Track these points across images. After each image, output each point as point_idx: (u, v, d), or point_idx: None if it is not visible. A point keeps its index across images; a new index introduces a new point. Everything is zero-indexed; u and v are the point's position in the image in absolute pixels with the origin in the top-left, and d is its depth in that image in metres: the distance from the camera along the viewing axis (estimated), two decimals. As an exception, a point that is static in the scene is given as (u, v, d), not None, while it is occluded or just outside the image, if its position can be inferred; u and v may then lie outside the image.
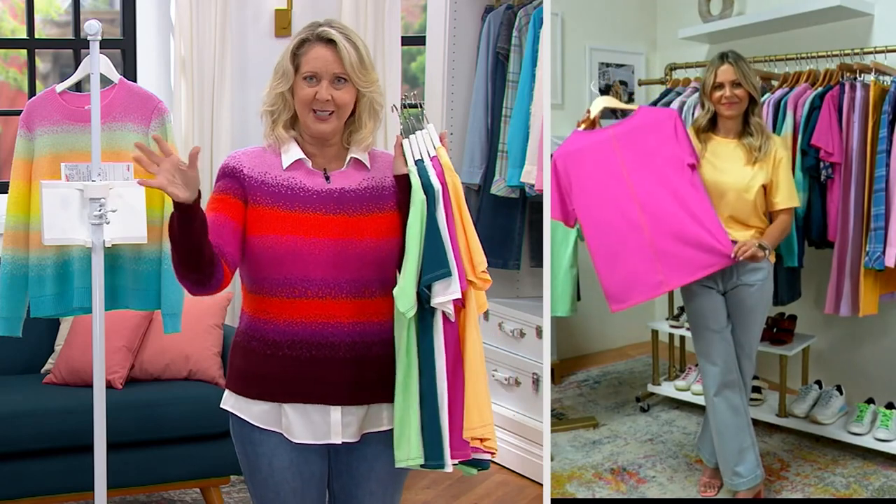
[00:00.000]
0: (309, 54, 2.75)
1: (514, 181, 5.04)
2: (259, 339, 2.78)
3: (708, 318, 3.97)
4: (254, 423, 2.80)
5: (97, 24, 3.62)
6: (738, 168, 3.94)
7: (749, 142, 3.95)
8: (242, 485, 4.85)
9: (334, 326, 2.75)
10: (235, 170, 2.79)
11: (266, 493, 2.84)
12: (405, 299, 2.67)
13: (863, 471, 4.34)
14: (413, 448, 2.71)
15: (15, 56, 5.77)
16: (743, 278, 3.93)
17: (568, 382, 5.20)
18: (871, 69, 4.14)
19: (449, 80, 5.48)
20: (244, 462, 2.86)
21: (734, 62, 3.93)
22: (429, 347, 2.71)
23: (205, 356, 4.60)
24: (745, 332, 4.00)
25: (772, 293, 4.06)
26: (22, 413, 4.27)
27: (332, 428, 2.79)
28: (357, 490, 2.86)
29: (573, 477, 4.37)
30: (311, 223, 2.74)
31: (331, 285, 2.74)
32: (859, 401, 4.51)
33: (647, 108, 4.16)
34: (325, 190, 2.78)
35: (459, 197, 2.76)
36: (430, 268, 2.67)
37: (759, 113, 3.97)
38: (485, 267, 2.76)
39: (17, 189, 3.82)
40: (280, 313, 2.76)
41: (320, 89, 2.75)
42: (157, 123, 3.83)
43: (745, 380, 4.04)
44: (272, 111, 2.80)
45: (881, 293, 4.14)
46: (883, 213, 4.00)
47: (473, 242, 2.75)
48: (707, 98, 3.98)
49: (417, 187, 2.70)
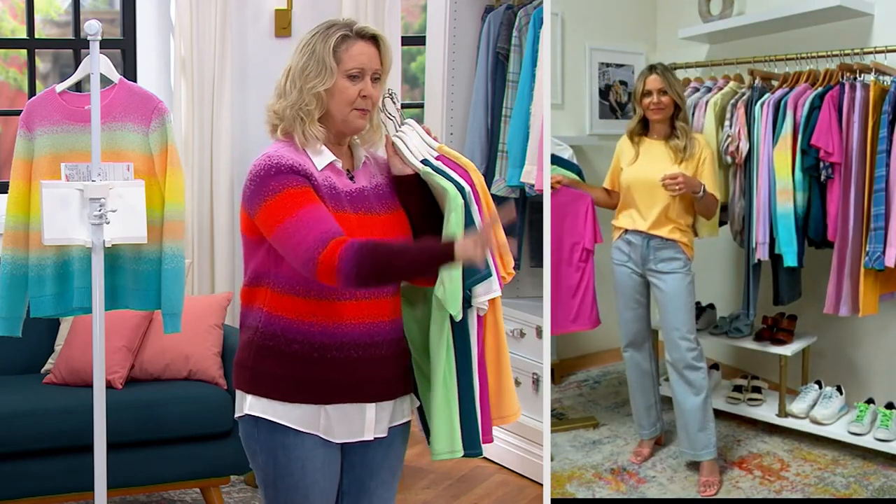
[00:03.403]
0: (352, 50, 2.70)
1: (514, 181, 5.04)
2: (301, 342, 2.71)
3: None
4: (290, 427, 2.74)
5: (97, 24, 3.62)
6: (666, 167, 4.29)
7: (675, 143, 4.33)
8: (242, 485, 4.85)
9: (378, 325, 2.76)
10: (297, 168, 2.67)
11: (294, 497, 2.78)
12: (454, 303, 2.69)
13: (863, 471, 4.34)
14: (455, 441, 2.76)
15: (15, 56, 5.77)
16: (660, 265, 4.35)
17: (568, 382, 5.20)
18: (871, 69, 4.14)
19: (449, 80, 5.48)
20: (271, 468, 2.78)
21: (661, 73, 4.33)
22: (466, 346, 2.76)
23: (205, 356, 4.60)
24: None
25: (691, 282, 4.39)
26: (22, 413, 4.27)
27: (367, 425, 2.79)
28: (371, 481, 2.87)
29: (573, 477, 4.37)
30: (350, 223, 2.70)
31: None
32: (859, 401, 4.51)
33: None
34: (354, 190, 2.76)
35: (487, 195, 2.79)
36: (474, 271, 2.71)
37: (684, 118, 4.35)
38: (514, 264, 2.84)
39: (17, 189, 3.82)
40: (329, 315, 2.71)
41: (365, 86, 2.70)
42: (157, 123, 3.83)
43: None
44: (308, 112, 2.70)
45: (881, 293, 4.14)
46: (883, 213, 4.00)
47: (502, 240, 2.79)
48: (638, 104, 4.39)
49: (456, 194, 2.69)
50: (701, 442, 4.33)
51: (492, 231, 2.57)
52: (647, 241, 4.35)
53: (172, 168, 3.83)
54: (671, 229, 4.33)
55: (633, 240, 4.38)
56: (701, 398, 4.33)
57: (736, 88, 4.56)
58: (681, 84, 4.46)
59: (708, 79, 4.74)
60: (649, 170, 4.32)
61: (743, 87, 4.53)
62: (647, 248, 4.36)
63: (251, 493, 4.76)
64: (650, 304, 4.50)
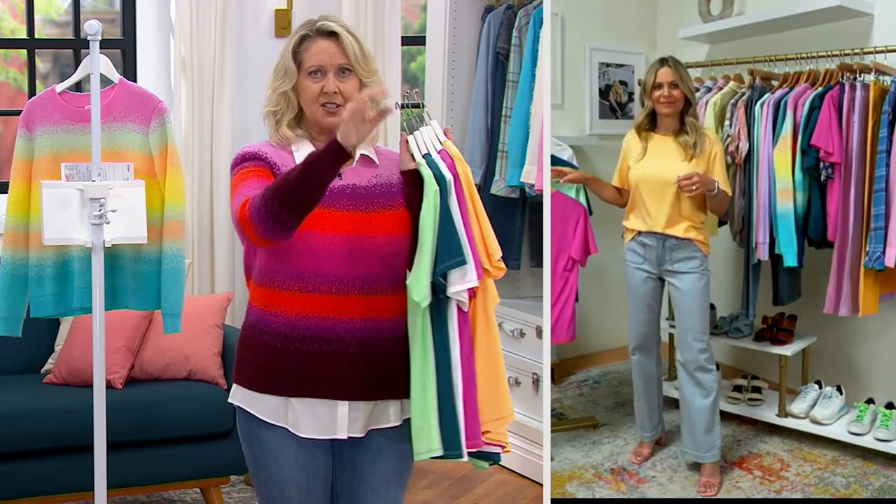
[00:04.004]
0: (311, 49, 2.76)
1: (514, 181, 5.04)
2: (269, 333, 2.78)
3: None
4: (260, 418, 2.80)
5: (97, 24, 3.62)
6: (676, 163, 4.21)
7: (684, 139, 4.24)
8: (242, 485, 4.85)
9: (345, 322, 2.76)
10: (259, 155, 2.79)
11: (272, 491, 2.84)
12: (420, 289, 2.68)
13: (863, 471, 4.34)
14: (433, 439, 2.72)
15: (15, 56, 5.76)
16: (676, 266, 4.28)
17: (568, 382, 5.20)
18: (871, 69, 4.14)
19: (449, 80, 5.48)
20: (250, 458, 2.86)
21: (673, 66, 4.25)
22: (444, 339, 2.72)
23: (205, 356, 4.60)
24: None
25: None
26: (22, 413, 4.27)
27: (339, 423, 2.79)
28: (360, 487, 2.86)
29: (573, 477, 4.37)
30: (325, 219, 2.74)
31: (343, 281, 2.75)
32: (859, 401, 4.50)
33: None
34: (339, 186, 2.78)
35: (471, 186, 2.77)
36: (446, 256, 2.68)
37: (694, 113, 4.28)
38: (500, 255, 2.78)
39: (17, 189, 3.82)
40: (292, 307, 2.76)
41: (327, 82, 2.76)
42: (157, 123, 3.83)
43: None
44: (275, 111, 2.81)
45: (881, 293, 4.14)
46: (883, 213, 4.00)
47: (487, 231, 2.77)
48: (647, 97, 4.30)
49: (430, 179, 2.70)
50: (706, 444, 4.29)
51: (364, 101, 2.56)
52: (663, 241, 4.26)
53: (172, 168, 3.83)
54: (686, 228, 4.24)
55: (647, 241, 4.30)
56: (710, 400, 4.28)
57: (736, 88, 4.56)
58: (691, 79, 4.36)
59: (708, 79, 4.74)
60: (659, 167, 4.25)
61: (743, 87, 4.53)
62: (662, 249, 4.27)
63: (251, 493, 4.76)
64: (661, 309, 4.44)
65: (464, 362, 2.74)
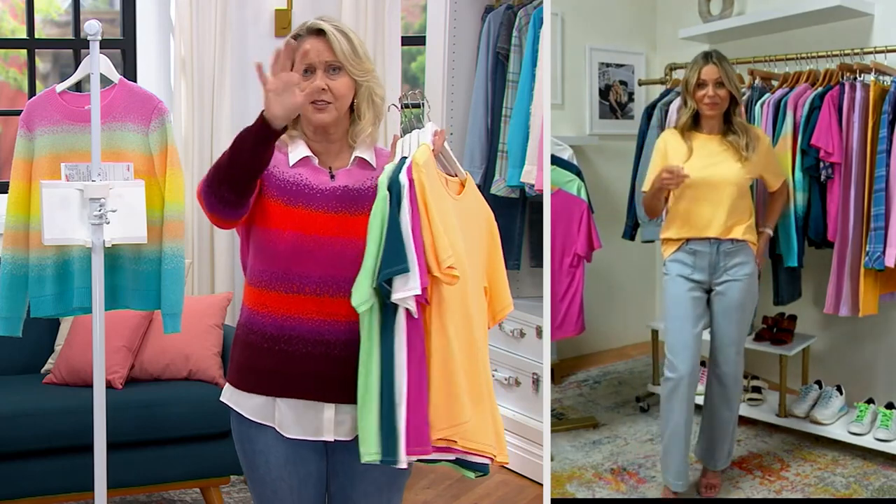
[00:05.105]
0: (301, 49, 2.76)
1: (514, 181, 5.04)
2: (257, 333, 2.80)
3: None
4: (249, 418, 2.81)
5: (97, 24, 3.62)
6: (729, 163, 4.00)
7: (734, 140, 4.01)
8: (242, 485, 4.85)
9: (331, 324, 2.76)
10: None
11: (264, 491, 2.85)
12: (359, 293, 2.65)
13: (863, 471, 4.34)
14: (371, 443, 2.67)
15: (15, 56, 5.76)
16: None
17: (568, 382, 5.20)
18: (871, 69, 4.14)
19: (449, 80, 5.48)
20: (243, 459, 2.88)
21: (718, 62, 3.97)
22: (389, 344, 2.67)
23: (205, 356, 4.60)
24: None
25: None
26: (22, 413, 4.27)
27: (325, 425, 2.79)
28: (352, 490, 2.86)
29: (573, 477, 4.37)
30: (313, 220, 2.75)
31: (329, 283, 2.75)
32: (859, 401, 4.51)
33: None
34: (329, 188, 2.78)
35: (425, 192, 2.71)
36: (388, 263, 2.64)
37: (741, 112, 4.05)
38: (452, 262, 2.69)
39: (17, 189, 3.82)
40: (278, 308, 2.77)
41: (315, 79, 2.76)
42: (157, 123, 3.83)
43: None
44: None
45: (881, 293, 4.14)
46: (883, 213, 4.00)
47: (439, 238, 2.69)
48: (690, 96, 4.02)
49: (382, 184, 2.68)
50: (722, 452, 4.26)
51: (289, 77, 2.61)
52: (717, 247, 4.01)
53: (172, 168, 3.83)
54: (744, 230, 4.01)
55: (699, 248, 4.01)
56: (735, 412, 4.20)
57: (736, 88, 4.56)
58: (737, 74, 4.08)
59: (708, 79, 4.74)
60: (713, 168, 3.98)
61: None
62: (717, 255, 4.00)
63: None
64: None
65: (411, 368, 2.67)
